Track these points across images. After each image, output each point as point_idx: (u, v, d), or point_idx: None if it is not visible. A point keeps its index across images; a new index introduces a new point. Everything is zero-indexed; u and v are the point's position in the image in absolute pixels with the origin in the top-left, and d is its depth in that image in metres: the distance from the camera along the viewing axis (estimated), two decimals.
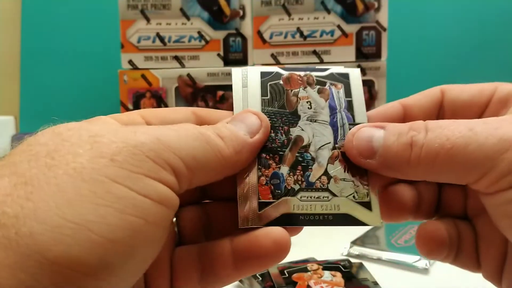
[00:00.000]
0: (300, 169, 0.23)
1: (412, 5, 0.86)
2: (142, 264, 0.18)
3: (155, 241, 0.18)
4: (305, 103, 0.24)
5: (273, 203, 0.22)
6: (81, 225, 0.15)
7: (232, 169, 0.22)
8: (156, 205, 0.17)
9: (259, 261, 0.21)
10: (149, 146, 0.18)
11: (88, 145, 0.17)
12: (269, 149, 0.23)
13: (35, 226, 0.15)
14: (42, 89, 0.91)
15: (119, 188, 0.17)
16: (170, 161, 0.18)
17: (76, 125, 0.19)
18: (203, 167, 0.20)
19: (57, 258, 0.15)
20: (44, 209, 0.15)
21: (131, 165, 0.17)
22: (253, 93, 0.24)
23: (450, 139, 0.19)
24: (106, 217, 0.16)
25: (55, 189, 0.16)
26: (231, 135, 0.21)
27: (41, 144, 0.17)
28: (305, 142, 0.23)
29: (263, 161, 0.23)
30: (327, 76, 0.25)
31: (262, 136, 0.22)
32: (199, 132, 0.20)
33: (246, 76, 0.25)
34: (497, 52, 0.87)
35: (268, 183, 0.23)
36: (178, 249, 0.23)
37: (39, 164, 0.17)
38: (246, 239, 0.21)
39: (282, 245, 0.21)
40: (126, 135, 0.18)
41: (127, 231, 0.16)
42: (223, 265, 0.21)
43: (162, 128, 0.20)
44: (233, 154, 0.21)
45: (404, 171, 0.21)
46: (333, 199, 0.23)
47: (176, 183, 0.19)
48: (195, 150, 0.19)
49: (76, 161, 0.17)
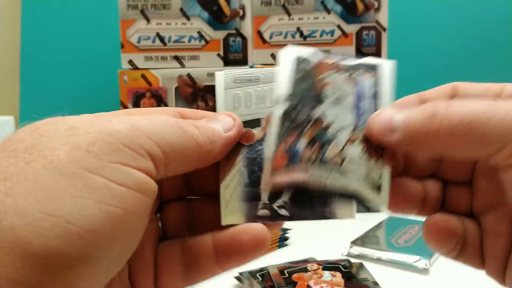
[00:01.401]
0: (318, 145, 0.24)
1: (412, 5, 0.86)
2: (123, 254, 0.19)
3: (135, 230, 0.19)
4: (330, 88, 0.25)
5: (285, 170, 0.23)
6: (60, 218, 0.16)
7: (206, 159, 0.22)
8: (134, 194, 0.18)
9: (240, 256, 0.22)
10: (123, 133, 0.18)
11: (65, 138, 0.18)
12: (292, 121, 0.24)
13: (16, 221, 0.15)
14: (42, 89, 0.91)
15: (96, 179, 0.17)
16: (146, 146, 0.19)
17: (52, 120, 0.19)
18: (178, 153, 0.20)
19: (38, 251, 0.15)
20: (24, 204, 0.16)
21: (107, 155, 0.17)
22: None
23: (471, 112, 0.20)
24: (84, 209, 0.16)
25: (33, 184, 0.16)
26: (206, 126, 0.22)
27: (19, 140, 0.18)
28: (324, 124, 0.24)
29: (284, 130, 0.24)
30: (357, 65, 0.26)
31: (235, 132, 0.23)
32: (173, 120, 0.21)
33: (228, 78, 0.26)
34: (497, 52, 0.87)
35: (287, 152, 0.23)
36: (162, 244, 0.23)
37: (18, 160, 0.17)
38: (227, 235, 0.22)
39: (260, 241, 0.21)
40: (100, 124, 0.18)
41: (105, 221, 0.16)
42: (206, 260, 0.22)
43: (137, 117, 0.20)
44: (207, 142, 0.22)
45: (423, 143, 0.21)
46: (344, 178, 0.23)
47: (153, 169, 0.19)
48: (170, 136, 0.20)
49: (54, 155, 0.17)
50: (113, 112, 0.22)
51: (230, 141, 0.23)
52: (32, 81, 0.92)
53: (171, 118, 0.21)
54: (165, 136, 0.20)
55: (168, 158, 0.20)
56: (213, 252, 0.22)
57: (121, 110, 0.23)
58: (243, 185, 0.23)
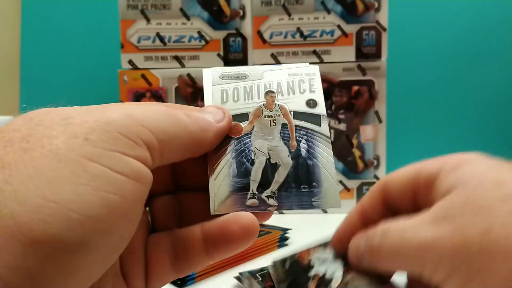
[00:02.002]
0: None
1: (412, 5, 0.86)
2: (120, 241, 0.19)
3: (132, 218, 0.19)
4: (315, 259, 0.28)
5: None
6: (61, 204, 0.16)
7: (199, 148, 0.23)
8: (131, 182, 0.18)
9: (229, 246, 0.22)
10: (120, 122, 0.18)
11: (61, 127, 0.18)
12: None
13: (16, 207, 0.15)
14: (42, 88, 0.91)
15: (95, 166, 0.17)
16: (142, 135, 0.19)
17: (45, 110, 0.19)
18: (173, 141, 0.20)
19: (39, 237, 0.15)
20: (24, 190, 0.16)
21: (105, 143, 0.18)
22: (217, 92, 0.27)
23: (394, 246, 0.23)
24: (84, 196, 0.16)
25: (33, 171, 0.16)
26: (197, 115, 0.23)
27: (14, 130, 0.18)
28: (321, 274, 0.26)
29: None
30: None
31: (226, 124, 0.24)
32: (166, 109, 0.21)
33: (216, 75, 0.27)
34: (496, 52, 0.87)
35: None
36: (152, 236, 0.24)
37: (15, 148, 0.17)
38: (216, 224, 0.22)
39: (250, 230, 0.21)
40: (97, 114, 0.18)
41: (104, 208, 0.17)
42: (195, 251, 0.22)
43: (131, 105, 0.20)
44: (200, 131, 0.22)
45: (378, 266, 0.25)
46: None
47: (149, 158, 0.19)
48: (164, 124, 0.20)
49: (52, 143, 0.17)
50: (103, 104, 0.23)
51: (221, 131, 0.24)
52: (32, 81, 0.92)
53: (163, 107, 0.21)
54: (160, 125, 0.20)
55: (163, 146, 0.20)
56: (202, 242, 0.22)
57: (111, 103, 0.23)
58: (232, 176, 0.24)
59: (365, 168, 0.67)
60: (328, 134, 0.26)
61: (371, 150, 0.67)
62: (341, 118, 0.67)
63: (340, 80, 0.66)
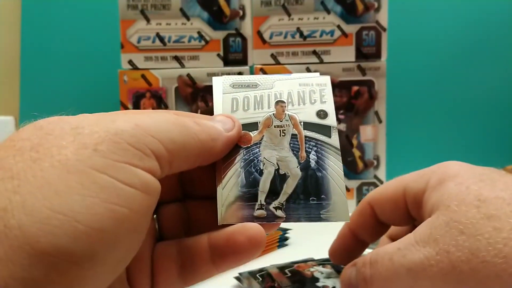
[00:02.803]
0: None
1: (412, 5, 0.86)
2: (127, 253, 0.19)
3: (139, 230, 0.19)
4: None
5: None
6: (69, 216, 0.16)
7: (208, 156, 0.23)
8: (140, 194, 0.18)
9: (235, 257, 0.22)
10: (129, 133, 0.18)
11: (71, 137, 0.18)
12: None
13: (24, 218, 0.15)
14: (42, 89, 0.91)
15: (104, 178, 0.17)
16: (151, 145, 0.19)
17: (56, 119, 0.19)
18: (182, 150, 0.20)
19: (46, 248, 0.15)
20: (32, 201, 0.16)
21: (114, 154, 0.18)
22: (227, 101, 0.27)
23: (382, 273, 0.25)
24: (92, 208, 0.16)
25: (42, 182, 0.16)
26: (207, 123, 0.22)
27: (24, 139, 0.18)
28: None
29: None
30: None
31: (235, 133, 0.24)
32: (175, 118, 0.21)
33: (226, 83, 0.27)
34: (497, 52, 0.87)
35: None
36: (158, 245, 0.24)
37: (24, 158, 0.17)
38: (223, 235, 0.22)
39: (257, 241, 0.21)
40: (106, 124, 0.18)
41: (112, 220, 0.17)
42: (201, 261, 0.22)
43: (140, 114, 0.20)
44: (209, 140, 0.22)
45: None
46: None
47: (158, 168, 0.19)
48: (173, 133, 0.20)
49: (61, 153, 0.17)
50: (112, 112, 0.22)
51: (231, 140, 0.24)
52: (32, 81, 0.92)
53: (173, 115, 0.21)
54: (169, 134, 0.20)
55: (172, 156, 0.20)
56: (209, 252, 0.22)
57: (119, 111, 0.23)
58: (240, 186, 0.24)
59: (365, 168, 0.67)
60: (338, 146, 0.25)
61: (371, 150, 0.67)
62: (341, 118, 0.67)
63: (340, 80, 0.66)
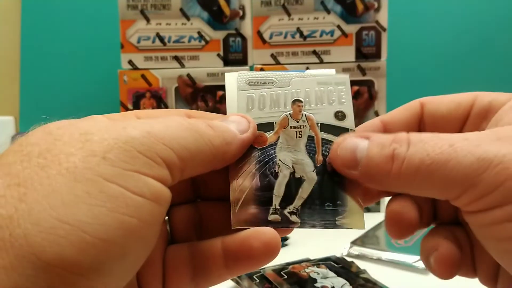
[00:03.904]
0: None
1: (412, 5, 0.86)
2: (135, 263, 0.18)
3: (148, 240, 0.18)
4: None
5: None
6: (75, 226, 0.15)
7: (222, 161, 0.22)
8: (149, 203, 0.17)
9: (249, 261, 0.21)
10: (140, 140, 0.18)
11: (80, 143, 0.17)
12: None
13: (29, 227, 0.15)
14: (42, 89, 0.91)
15: (112, 187, 0.16)
16: (162, 153, 0.18)
17: (65, 123, 0.19)
18: (195, 157, 0.20)
19: (51, 259, 0.15)
20: (38, 210, 0.15)
21: (124, 162, 0.17)
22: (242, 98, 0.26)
23: (430, 154, 0.19)
24: (99, 218, 0.16)
25: (48, 190, 0.16)
26: (221, 127, 0.22)
27: (33, 144, 0.17)
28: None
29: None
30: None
31: (250, 135, 0.23)
32: (188, 123, 0.20)
33: (241, 80, 0.26)
34: (496, 52, 0.87)
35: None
36: (170, 248, 0.23)
37: (32, 164, 0.16)
38: (237, 239, 0.21)
39: (272, 246, 0.21)
40: (116, 131, 0.18)
41: (120, 230, 0.16)
42: (215, 265, 0.22)
43: (152, 121, 0.19)
44: (224, 144, 0.21)
45: (385, 183, 0.21)
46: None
47: (169, 176, 0.19)
48: (186, 140, 0.19)
49: (69, 161, 0.17)
50: (122, 114, 0.22)
51: (246, 143, 0.23)
52: (32, 81, 0.92)
53: (186, 120, 0.21)
54: (181, 141, 0.19)
55: (184, 163, 0.19)
56: (222, 256, 0.21)
57: (130, 112, 0.23)
58: (254, 189, 0.23)
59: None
60: None
61: None
62: None
63: None
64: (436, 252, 0.23)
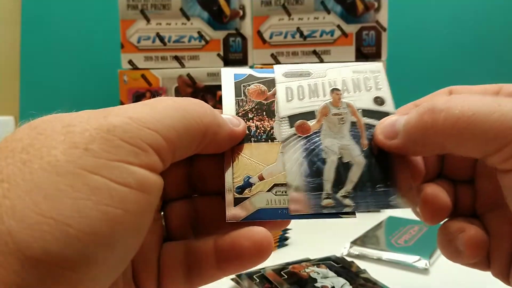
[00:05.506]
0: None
1: (412, 5, 0.86)
2: (126, 254, 0.18)
3: (137, 231, 0.18)
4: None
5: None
6: (59, 221, 0.15)
7: (213, 142, 0.22)
8: (136, 193, 0.17)
9: (240, 262, 0.21)
10: (122, 128, 0.17)
11: (62, 136, 0.17)
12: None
13: (13, 224, 0.15)
14: (42, 89, 0.91)
15: (96, 178, 0.16)
16: (147, 139, 0.18)
17: (50, 117, 0.18)
18: (183, 136, 0.19)
19: (37, 255, 0.15)
20: (21, 206, 0.15)
21: (107, 153, 0.17)
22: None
23: (472, 106, 0.19)
24: (83, 211, 0.16)
25: (31, 185, 0.16)
26: (212, 108, 0.21)
27: (17, 139, 0.17)
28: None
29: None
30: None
31: (241, 130, 0.23)
32: (173, 103, 0.20)
33: (279, 73, 0.26)
34: (496, 52, 0.87)
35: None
36: (166, 245, 0.23)
37: (15, 160, 0.16)
38: (228, 239, 0.21)
39: (263, 246, 0.21)
40: (97, 121, 0.18)
41: (105, 222, 0.16)
42: (207, 264, 0.22)
43: (135, 105, 0.19)
44: (214, 123, 0.21)
45: (424, 142, 0.21)
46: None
47: (158, 162, 0.18)
48: (172, 119, 0.19)
49: (51, 154, 0.16)
50: (108, 107, 0.22)
51: (237, 134, 0.23)
52: (32, 81, 0.92)
53: (171, 98, 0.20)
54: (167, 121, 0.19)
55: (173, 144, 0.19)
56: (214, 256, 0.21)
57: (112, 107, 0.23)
58: (304, 176, 0.23)
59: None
60: None
61: None
62: None
63: None
64: (464, 233, 0.24)
